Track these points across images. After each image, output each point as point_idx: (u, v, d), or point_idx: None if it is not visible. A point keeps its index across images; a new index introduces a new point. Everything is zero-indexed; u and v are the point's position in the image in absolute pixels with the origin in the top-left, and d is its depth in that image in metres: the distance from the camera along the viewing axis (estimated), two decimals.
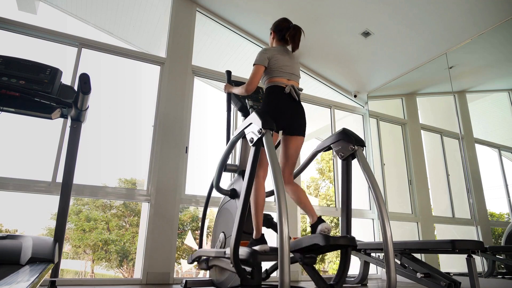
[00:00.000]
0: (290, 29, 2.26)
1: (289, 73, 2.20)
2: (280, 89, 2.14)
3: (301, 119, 2.17)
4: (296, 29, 2.25)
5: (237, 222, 1.83)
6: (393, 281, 1.63)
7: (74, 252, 13.74)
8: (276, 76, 2.18)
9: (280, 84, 2.16)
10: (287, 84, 2.16)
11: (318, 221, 1.90)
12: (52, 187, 3.00)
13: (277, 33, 2.33)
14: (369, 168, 1.92)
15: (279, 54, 2.23)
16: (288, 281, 1.39)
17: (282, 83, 2.16)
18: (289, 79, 2.20)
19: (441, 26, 3.78)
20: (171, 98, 3.71)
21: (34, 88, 1.91)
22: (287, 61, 2.23)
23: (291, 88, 2.12)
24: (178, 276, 4.23)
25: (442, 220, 4.66)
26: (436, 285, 2.51)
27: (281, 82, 2.17)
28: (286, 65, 2.21)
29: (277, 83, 2.16)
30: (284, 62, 2.21)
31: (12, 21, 3.22)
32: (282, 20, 2.36)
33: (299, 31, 2.26)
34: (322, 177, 17.09)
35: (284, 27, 2.30)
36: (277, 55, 2.21)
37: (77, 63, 3.41)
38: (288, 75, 2.20)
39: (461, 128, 3.97)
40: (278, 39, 2.33)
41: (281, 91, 2.13)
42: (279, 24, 2.34)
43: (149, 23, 4.84)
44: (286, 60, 2.22)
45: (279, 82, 2.16)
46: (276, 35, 2.34)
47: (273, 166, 1.61)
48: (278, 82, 2.16)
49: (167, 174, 3.48)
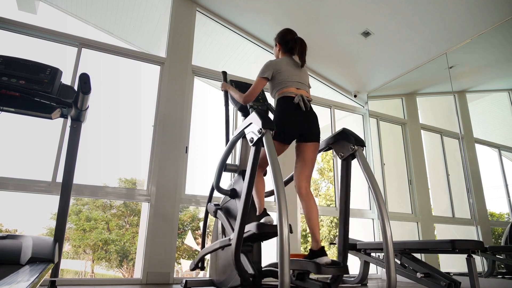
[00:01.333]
0: (297, 43, 2.27)
1: (297, 82, 2.20)
2: (290, 99, 2.13)
3: (313, 125, 2.16)
4: (302, 44, 2.26)
5: (239, 220, 1.84)
6: (393, 281, 1.63)
7: (74, 252, 13.74)
8: (284, 87, 2.17)
9: (289, 94, 2.15)
10: (296, 93, 2.14)
11: (319, 251, 1.90)
12: (52, 187, 3.00)
13: (283, 45, 2.34)
14: (369, 168, 1.92)
15: (286, 65, 2.23)
16: (288, 281, 1.39)
17: (291, 93, 2.15)
18: (298, 88, 2.19)
19: (441, 26, 3.78)
20: (171, 98, 3.71)
21: (34, 88, 1.91)
22: (295, 71, 2.23)
23: (300, 98, 2.11)
24: (178, 276, 4.22)
25: (442, 220, 4.66)
26: (436, 285, 2.51)
27: (291, 92, 2.16)
28: (294, 75, 2.21)
29: (287, 94, 2.16)
30: (292, 72, 2.21)
31: (12, 21, 3.22)
32: (286, 31, 2.36)
33: (305, 46, 2.27)
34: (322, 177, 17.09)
35: (290, 39, 2.31)
36: (284, 67, 2.22)
37: (77, 63, 3.42)
38: (296, 84, 2.19)
39: (461, 128, 3.97)
40: (284, 51, 2.34)
41: (290, 101, 2.12)
42: (284, 36, 2.34)
43: (149, 23, 4.84)
44: (294, 71, 2.23)
45: (289, 93, 2.15)
46: (282, 47, 2.35)
47: (273, 166, 1.61)
48: (288, 93, 2.16)
49: (167, 174, 3.48)
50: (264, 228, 1.94)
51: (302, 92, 2.18)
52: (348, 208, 2.02)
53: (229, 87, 2.56)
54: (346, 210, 2.01)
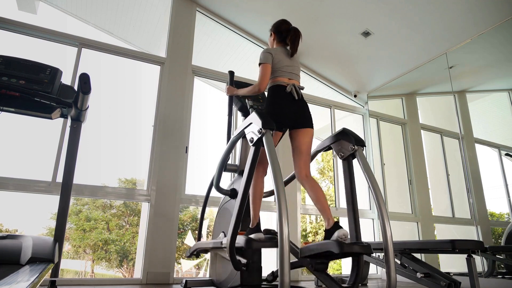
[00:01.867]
0: (290, 31, 2.30)
1: (290, 72, 2.24)
2: (282, 88, 2.17)
3: (306, 112, 2.19)
4: (296, 33, 2.29)
5: (234, 216, 1.85)
6: (393, 281, 1.63)
7: (74, 252, 13.74)
8: (277, 76, 2.22)
9: (281, 83, 2.19)
10: (288, 83, 2.18)
11: (335, 226, 1.85)
12: (52, 187, 3.00)
13: (278, 34, 2.37)
14: (369, 168, 1.92)
15: (280, 54, 2.26)
16: (288, 281, 1.39)
17: (283, 82, 2.19)
18: (290, 78, 2.23)
19: (441, 26, 3.78)
20: (171, 98, 3.71)
21: (34, 88, 1.91)
22: (288, 61, 2.27)
23: (292, 87, 2.15)
24: (178, 276, 4.22)
25: (442, 220, 4.66)
26: (436, 285, 2.51)
27: (283, 81, 2.20)
28: (287, 65, 2.24)
29: (279, 83, 2.19)
30: (285, 62, 2.25)
31: (12, 21, 3.22)
32: (282, 21, 2.39)
33: (299, 35, 2.30)
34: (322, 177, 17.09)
35: (284, 29, 2.34)
36: (278, 56, 2.25)
37: (77, 63, 3.41)
38: (289, 74, 2.23)
39: (461, 128, 3.97)
40: (279, 40, 2.37)
41: (283, 90, 2.16)
42: (279, 25, 2.37)
43: (149, 23, 4.83)
44: (287, 61, 2.26)
45: (281, 82, 2.19)
46: (277, 36, 2.37)
47: (273, 166, 1.61)
48: (280, 82, 2.20)
49: (167, 174, 3.48)
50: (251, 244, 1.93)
51: (294, 82, 2.22)
52: (356, 207, 1.99)
53: (236, 90, 2.53)
54: (355, 210, 1.99)
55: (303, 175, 2.11)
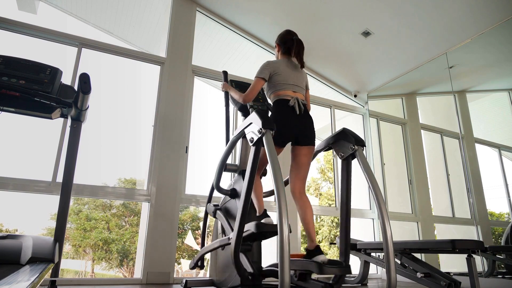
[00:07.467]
0: (293, 43, 2.28)
1: (294, 85, 2.21)
2: (285, 102, 2.14)
3: (308, 129, 2.16)
4: (299, 44, 2.27)
5: (238, 219, 1.84)
6: (393, 280, 1.63)
7: (74, 251, 13.74)
8: (280, 89, 2.18)
9: (285, 97, 2.16)
10: (292, 96, 2.15)
11: (316, 250, 1.90)
12: (52, 187, 3.00)
13: (282, 46, 2.35)
14: (369, 168, 1.92)
15: (283, 67, 2.24)
16: (288, 281, 1.39)
17: (287, 96, 2.16)
18: (294, 91, 2.20)
19: (441, 26, 3.78)
20: (171, 98, 3.71)
21: (34, 88, 1.91)
22: (292, 73, 2.24)
23: (296, 101, 2.12)
24: (178, 276, 4.22)
25: (442, 220, 4.66)
26: (436, 284, 2.51)
27: (286, 95, 2.17)
28: (291, 78, 2.22)
29: (282, 97, 2.16)
30: (289, 74, 2.22)
31: (12, 21, 3.22)
32: (285, 32, 2.37)
33: (302, 46, 2.29)
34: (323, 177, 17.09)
35: (288, 40, 2.32)
36: (281, 68, 2.22)
37: (77, 63, 3.41)
38: (293, 87, 2.20)
39: (461, 128, 3.97)
40: (283, 52, 2.35)
41: (286, 104, 2.13)
42: (283, 37, 2.36)
43: (149, 23, 4.84)
44: (291, 73, 2.23)
45: (284, 95, 2.16)
46: (281, 48, 2.36)
47: (273, 166, 1.61)
48: (283, 95, 2.17)
49: (167, 174, 3.48)
50: (262, 227, 1.96)
51: (298, 95, 2.19)
52: (349, 208, 2.02)
53: (230, 88, 2.56)
54: (347, 210, 2.01)
55: (297, 192, 2.12)
